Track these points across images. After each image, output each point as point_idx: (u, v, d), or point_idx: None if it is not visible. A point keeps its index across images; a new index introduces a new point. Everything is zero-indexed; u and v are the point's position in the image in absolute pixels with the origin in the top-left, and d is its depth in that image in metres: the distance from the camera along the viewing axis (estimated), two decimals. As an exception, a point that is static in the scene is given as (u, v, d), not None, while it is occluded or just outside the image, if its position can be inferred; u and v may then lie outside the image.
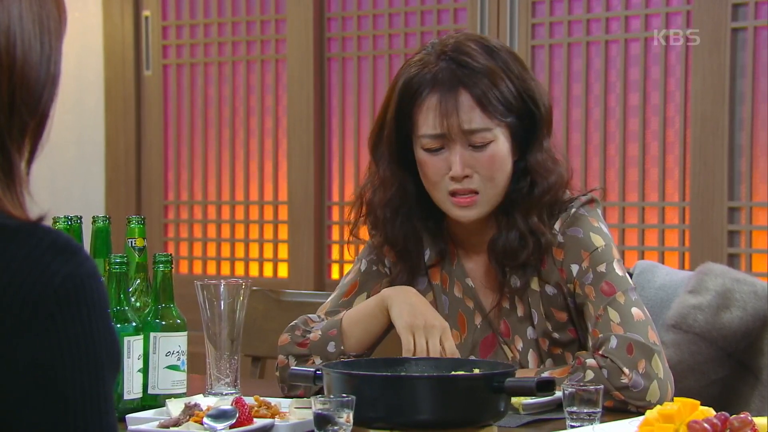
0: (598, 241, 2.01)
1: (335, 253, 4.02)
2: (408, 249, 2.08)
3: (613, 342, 1.92)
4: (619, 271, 1.99)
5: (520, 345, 2.04)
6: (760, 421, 1.51)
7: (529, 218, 2.01)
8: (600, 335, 1.94)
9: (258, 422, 1.72)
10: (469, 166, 1.99)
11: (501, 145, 2.00)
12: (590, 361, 1.92)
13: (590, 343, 1.96)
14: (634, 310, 1.95)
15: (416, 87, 2.00)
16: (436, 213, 2.07)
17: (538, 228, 2.00)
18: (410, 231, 2.08)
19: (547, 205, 2.02)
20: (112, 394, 1.07)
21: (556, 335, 2.02)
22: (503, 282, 2.04)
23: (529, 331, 2.04)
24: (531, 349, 2.03)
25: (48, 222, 1.10)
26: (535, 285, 2.03)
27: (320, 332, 2.04)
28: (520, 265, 2.02)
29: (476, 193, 2.00)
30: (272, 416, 1.75)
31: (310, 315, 2.11)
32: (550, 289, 2.01)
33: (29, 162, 1.11)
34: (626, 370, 1.90)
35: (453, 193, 2.00)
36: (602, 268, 1.99)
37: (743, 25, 3.34)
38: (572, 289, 2.00)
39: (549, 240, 2.00)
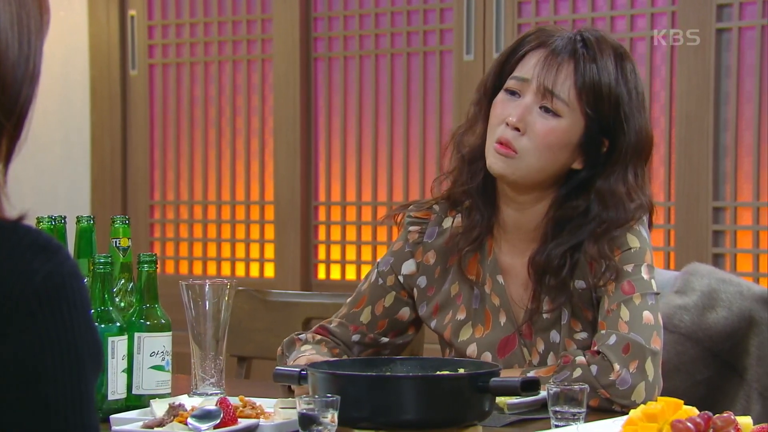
0: (633, 242, 1.99)
1: (322, 253, 4.02)
2: (480, 203, 2.05)
3: (612, 339, 1.93)
4: (645, 274, 1.98)
5: (541, 348, 2.03)
6: (743, 420, 1.51)
7: (592, 247, 1.98)
8: (604, 330, 1.94)
9: (242, 422, 1.72)
10: (525, 122, 1.98)
11: (567, 128, 1.98)
12: (579, 359, 1.92)
13: (595, 337, 1.96)
14: (646, 314, 1.95)
15: (533, 39, 2.01)
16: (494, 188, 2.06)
17: (600, 257, 1.97)
18: (482, 184, 2.05)
19: (601, 237, 1.98)
20: (94, 393, 1.07)
21: (583, 336, 2.01)
22: (537, 286, 2.02)
23: (553, 335, 2.02)
24: (552, 353, 2.02)
25: (32, 221, 1.09)
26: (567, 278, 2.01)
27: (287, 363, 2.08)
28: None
29: (516, 152, 1.98)
30: (257, 416, 1.75)
31: (299, 334, 2.13)
32: (579, 284, 2.00)
33: (6, 163, 1.10)
34: (617, 366, 1.90)
35: (500, 142, 1.99)
36: (629, 267, 1.98)
37: (728, 26, 3.35)
38: (597, 282, 1.99)
39: (615, 267, 1.97)
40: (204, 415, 1.69)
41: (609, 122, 1.99)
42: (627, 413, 1.58)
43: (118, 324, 1.89)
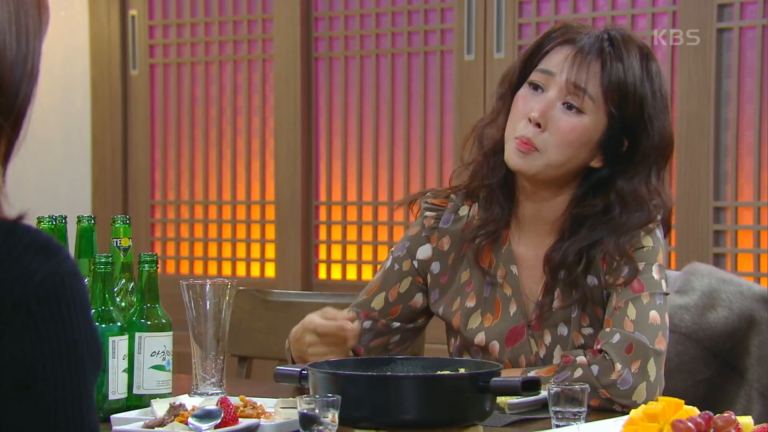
0: (647, 241, 1.99)
1: (322, 253, 4.02)
2: (500, 197, 2.06)
3: (616, 338, 1.92)
4: (655, 274, 1.98)
5: (548, 340, 2.03)
6: (744, 420, 1.51)
7: (613, 242, 1.97)
8: (610, 328, 1.94)
9: (243, 422, 1.72)
10: (546, 118, 1.98)
11: (589, 126, 1.98)
12: (580, 359, 1.92)
13: (600, 333, 1.96)
14: (653, 313, 1.95)
15: (559, 35, 2.02)
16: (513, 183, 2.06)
17: (620, 253, 1.97)
18: (503, 178, 2.05)
19: (623, 236, 1.98)
20: (93, 393, 1.07)
21: (589, 331, 2.01)
22: (550, 281, 2.02)
23: (561, 328, 2.02)
24: (559, 345, 2.02)
25: (32, 221, 1.09)
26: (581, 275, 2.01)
27: None
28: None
29: (536, 149, 1.98)
30: (257, 416, 1.75)
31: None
32: (591, 281, 2.00)
33: (5, 163, 1.10)
34: (618, 366, 1.90)
35: (519, 139, 1.99)
36: (640, 266, 1.97)
37: (729, 26, 3.35)
38: (609, 281, 1.99)
39: (635, 266, 1.96)
40: (205, 415, 1.69)
41: (632, 122, 1.99)
42: (628, 413, 1.58)
43: (119, 324, 1.89)
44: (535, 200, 2.04)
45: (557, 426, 1.69)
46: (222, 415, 1.69)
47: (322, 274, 4.01)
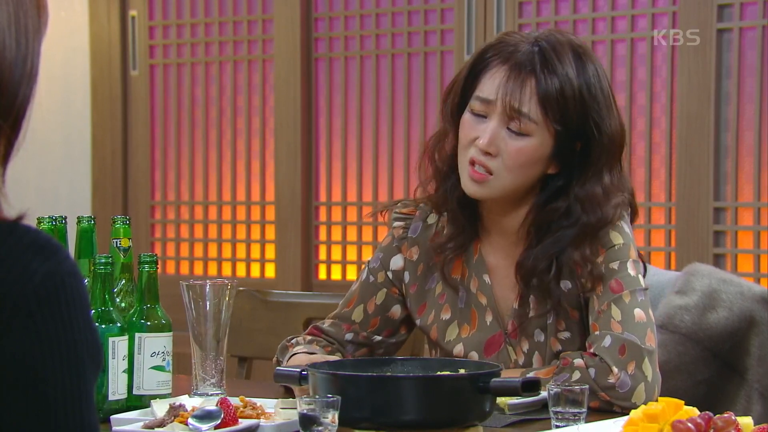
0: (616, 238, 2.00)
1: (322, 254, 4.02)
2: (461, 214, 2.06)
3: (607, 341, 1.92)
4: (631, 270, 1.98)
5: (526, 347, 2.03)
6: (744, 420, 1.51)
7: (575, 252, 1.98)
8: (598, 331, 1.94)
9: (243, 423, 1.72)
10: (495, 146, 1.98)
11: (538, 146, 1.98)
12: (578, 361, 1.92)
13: (588, 338, 1.96)
14: (637, 311, 1.95)
15: (493, 53, 2.01)
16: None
17: (584, 261, 1.97)
18: (462, 196, 2.05)
19: (583, 241, 1.98)
20: (93, 392, 1.07)
21: (566, 335, 2.01)
22: (524, 290, 2.02)
23: (537, 334, 2.03)
24: (537, 352, 2.02)
25: (32, 222, 1.09)
26: (553, 282, 2.01)
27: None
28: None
29: (491, 174, 1.99)
30: (257, 417, 1.75)
31: (290, 339, 2.14)
32: (565, 285, 2.01)
33: (4, 163, 1.10)
34: (615, 370, 1.90)
35: (472, 162, 1.99)
36: (615, 265, 1.98)
37: (729, 26, 3.35)
38: (584, 284, 1.99)
39: (599, 272, 1.97)
40: (205, 416, 1.69)
41: (579, 128, 1.99)
42: (627, 413, 1.58)
43: (119, 324, 1.89)
44: (497, 213, 2.05)
45: (557, 426, 1.69)
46: (222, 415, 1.69)
47: (322, 275, 4.01)
